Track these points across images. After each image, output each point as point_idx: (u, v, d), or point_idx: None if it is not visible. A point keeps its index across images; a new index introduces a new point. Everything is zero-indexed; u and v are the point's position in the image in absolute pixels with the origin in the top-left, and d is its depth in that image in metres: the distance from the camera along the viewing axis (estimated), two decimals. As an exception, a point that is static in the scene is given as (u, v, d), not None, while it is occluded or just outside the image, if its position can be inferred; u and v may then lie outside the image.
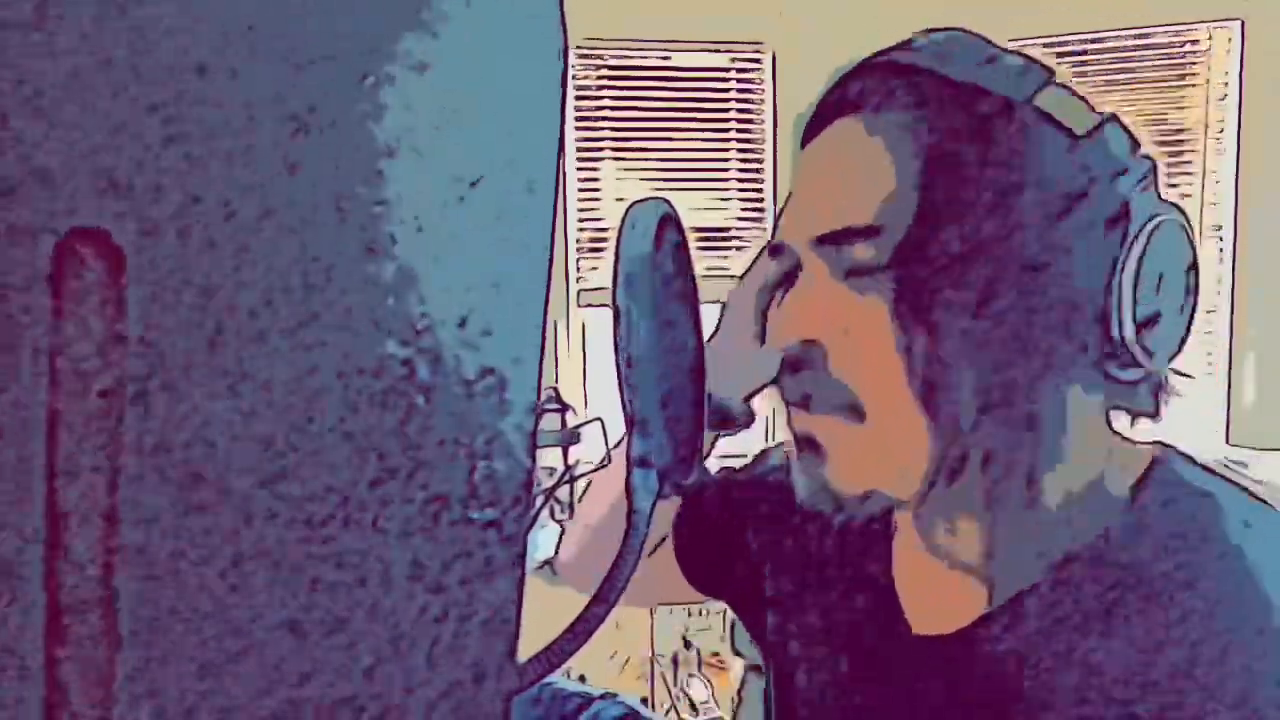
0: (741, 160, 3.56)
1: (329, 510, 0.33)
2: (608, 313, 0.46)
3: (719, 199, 3.56)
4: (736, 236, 3.57)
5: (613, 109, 3.48)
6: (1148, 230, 0.62)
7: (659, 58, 3.47)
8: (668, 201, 0.48)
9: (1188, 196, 3.27)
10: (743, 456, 0.96)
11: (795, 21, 3.30)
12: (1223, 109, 3.36)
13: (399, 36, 0.33)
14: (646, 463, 0.45)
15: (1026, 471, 0.63)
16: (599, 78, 3.45)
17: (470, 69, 0.34)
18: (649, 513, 0.45)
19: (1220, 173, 3.31)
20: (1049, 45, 3.16)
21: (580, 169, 3.43)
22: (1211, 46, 3.39)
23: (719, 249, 3.54)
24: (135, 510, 0.31)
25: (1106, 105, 0.65)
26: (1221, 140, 3.31)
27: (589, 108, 3.44)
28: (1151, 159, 0.65)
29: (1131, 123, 0.65)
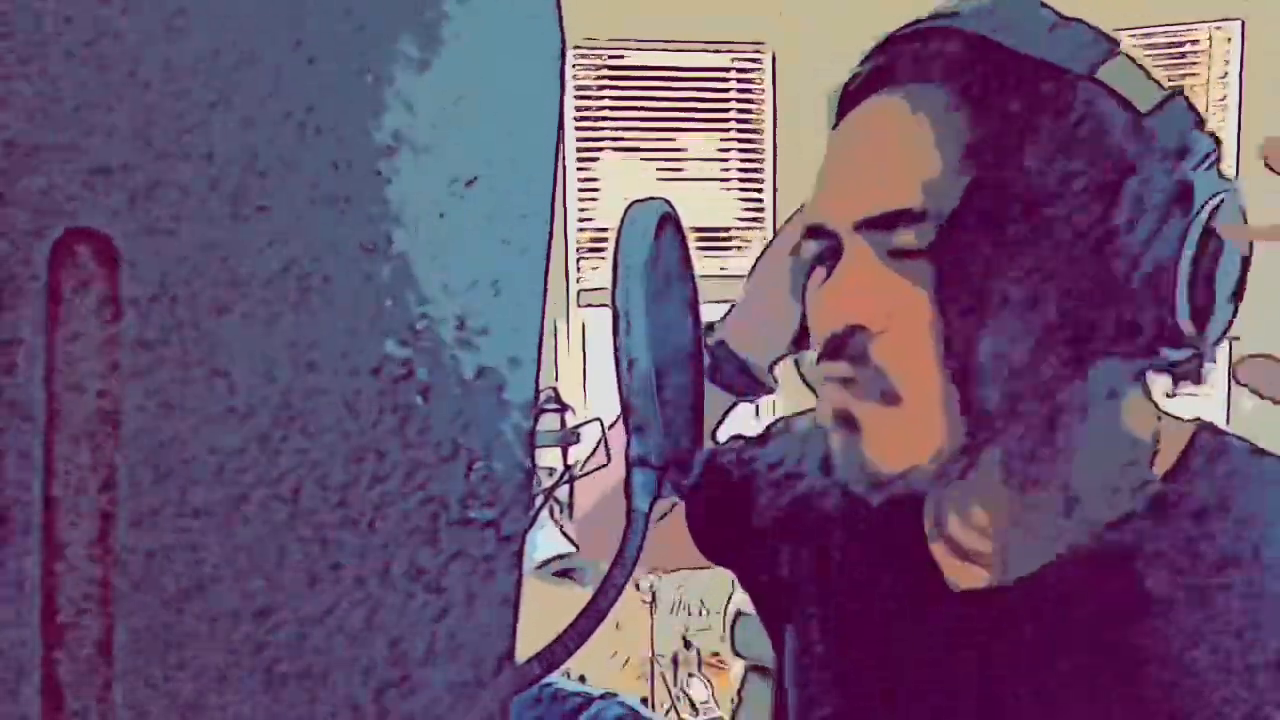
0: (741, 160, 3.56)
1: (328, 510, 0.33)
2: (608, 313, 0.46)
3: (719, 199, 3.56)
4: (736, 236, 3.57)
5: (613, 109, 3.48)
6: (1208, 210, 0.60)
7: (659, 58, 3.47)
8: (668, 201, 0.48)
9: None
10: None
11: (795, 21, 3.31)
12: (1222, 109, 3.36)
13: (399, 36, 0.33)
14: (646, 463, 0.45)
15: (1061, 458, 0.61)
16: (599, 78, 3.45)
17: (470, 69, 0.34)
18: (648, 513, 0.45)
19: (1220, 173, 3.30)
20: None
21: (580, 169, 3.43)
22: (1211, 46, 3.39)
23: (719, 249, 3.54)
24: (132, 510, 0.31)
25: None
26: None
27: (589, 108, 3.44)
28: (1216, 137, 0.62)
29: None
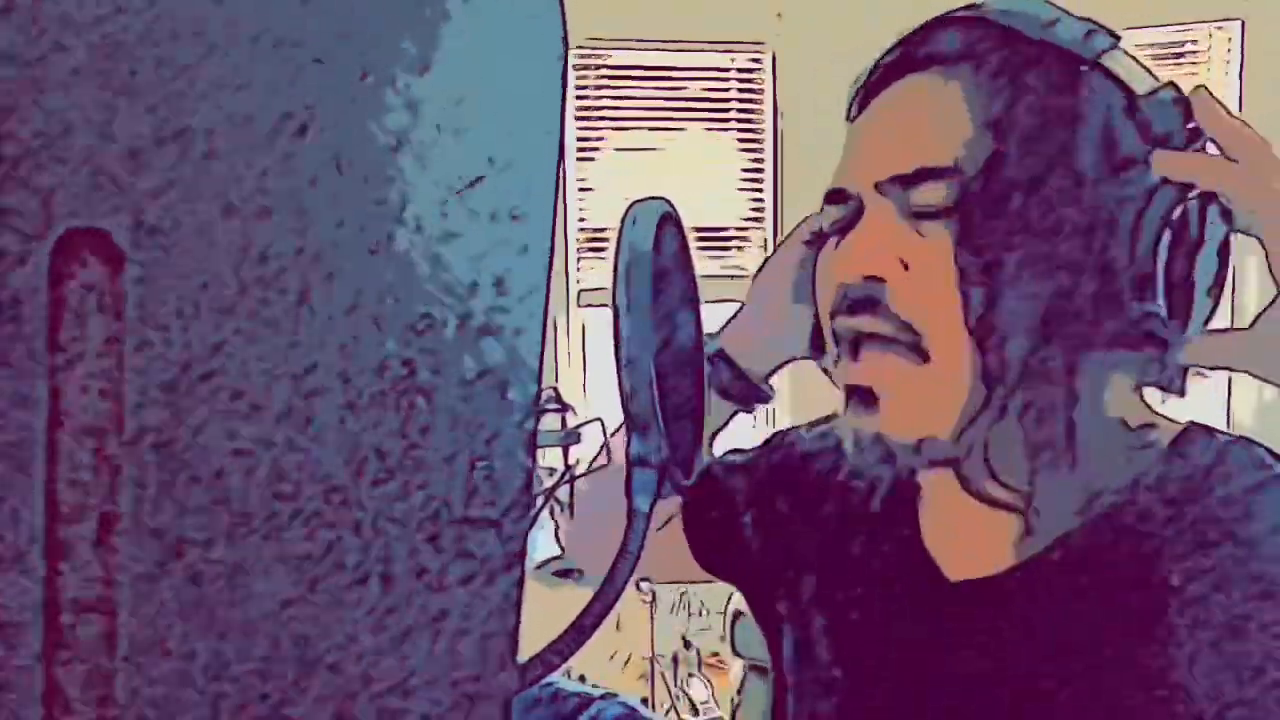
0: (741, 160, 3.56)
1: (329, 510, 0.33)
2: (608, 313, 0.46)
3: (719, 199, 3.55)
4: (736, 236, 3.57)
5: (613, 109, 3.48)
6: (1186, 203, 0.63)
7: (659, 58, 3.47)
8: (668, 201, 0.48)
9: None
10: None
11: (795, 21, 3.31)
12: (1222, 109, 3.35)
13: (399, 36, 0.33)
14: (646, 463, 0.45)
15: (1066, 421, 0.65)
16: (599, 78, 3.45)
17: (470, 69, 0.34)
18: (648, 513, 0.45)
19: (1220, 173, 3.30)
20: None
21: (580, 169, 3.43)
22: (1211, 46, 3.39)
23: (719, 249, 3.54)
24: (135, 509, 0.31)
25: None
26: (1221, 140, 3.30)
27: (589, 108, 3.44)
28: (1201, 132, 0.66)
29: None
